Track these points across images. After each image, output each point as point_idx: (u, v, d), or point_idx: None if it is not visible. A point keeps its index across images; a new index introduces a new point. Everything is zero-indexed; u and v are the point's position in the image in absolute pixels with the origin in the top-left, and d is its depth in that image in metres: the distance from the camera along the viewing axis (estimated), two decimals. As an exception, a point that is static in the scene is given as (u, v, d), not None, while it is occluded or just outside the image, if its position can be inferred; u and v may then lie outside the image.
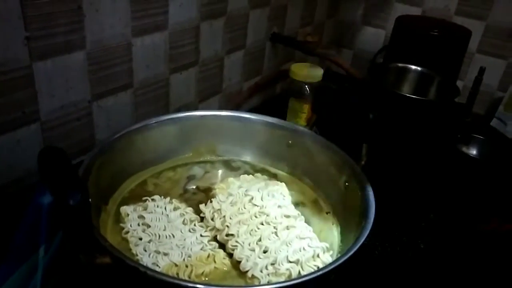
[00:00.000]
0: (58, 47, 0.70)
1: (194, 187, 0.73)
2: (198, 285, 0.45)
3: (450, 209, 0.90)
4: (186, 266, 0.57)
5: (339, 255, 0.62)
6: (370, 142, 0.66)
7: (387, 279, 0.73)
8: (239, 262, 0.58)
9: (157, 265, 0.56)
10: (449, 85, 1.05)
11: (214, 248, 0.61)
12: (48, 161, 0.48)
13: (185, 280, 0.51)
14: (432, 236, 0.83)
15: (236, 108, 1.11)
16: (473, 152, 1.02)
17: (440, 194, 0.93)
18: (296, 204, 0.72)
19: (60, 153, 0.49)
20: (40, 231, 0.57)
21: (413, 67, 1.10)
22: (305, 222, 0.68)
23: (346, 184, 0.68)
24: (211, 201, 0.67)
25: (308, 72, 1.00)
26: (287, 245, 0.60)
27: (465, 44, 1.16)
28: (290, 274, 0.57)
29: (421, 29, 1.15)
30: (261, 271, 0.57)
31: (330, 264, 0.51)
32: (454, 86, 1.04)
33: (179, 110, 0.97)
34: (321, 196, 0.74)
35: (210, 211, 0.65)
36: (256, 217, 0.64)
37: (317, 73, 1.01)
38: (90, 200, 0.55)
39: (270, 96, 1.25)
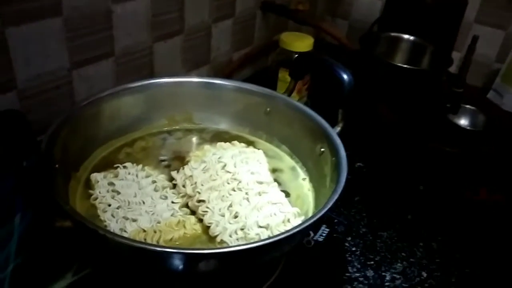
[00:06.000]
0: (32, 12, 0.69)
1: (169, 155, 0.72)
2: (148, 247, 0.45)
3: (440, 179, 0.89)
4: (155, 232, 0.56)
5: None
6: (345, 107, 0.64)
7: (374, 251, 0.72)
8: (209, 227, 0.58)
9: (125, 231, 0.55)
10: (442, 54, 1.03)
11: (185, 214, 0.60)
12: (5, 124, 0.48)
13: (140, 242, 0.50)
14: (420, 208, 0.82)
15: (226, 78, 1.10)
16: (463, 122, 1.00)
17: (429, 164, 0.92)
18: (274, 171, 0.71)
19: (19, 116, 0.48)
20: (16, 199, 0.57)
21: (406, 36, 1.08)
22: (283, 188, 0.67)
23: (322, 150, 0.66)
24: (183, 168, 0.66)
25: (297, 41, 0.98)
26: (258, 211, 0.59)
27: (461, 13, 1.13)
28: (260, 239, 0.56)
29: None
30: (231, 236, 0.56)
31: (295, 227, 0.49)
32: (447, 56, 1.02)
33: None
34: (298, 163, 0.73)
35: (181, 178, 0.64)
36: (228, 183, 0.63)
37: (307, 42, 0.99)
38: (57, 166, 0.55)
39: (261, 67, 1.23)
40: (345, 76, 0.63)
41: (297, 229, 0.48)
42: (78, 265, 0.57)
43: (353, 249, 0.72)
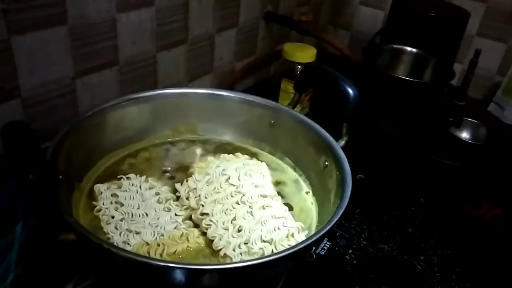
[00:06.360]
0: (37, 21, 0.69)
1: (172, 166, 0.72)
2: (153, 261, 0.45)
3: (441, 192, 0.89)
4: (158, 245, 0.56)
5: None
6: (350, 121, 0.64)
7: (374, 264, 0.72)
8: (213, 241, 0.58)
9: (128, 244, 0.55)
10: (444, 67, 1.03)
11: (188, 227, 0.60)
12: (12, 135, 0.48)
13: (145, 257, 0.50)
14: (421, 221, 0.82)
15: (229, 88, 1.10)
16: (465, 135, 1.00)
17: (431, 177, 0.92)
18: (277, 183, 0.71)
19: (25, 127, 0.48)
20: (18, 208, 0.57)
21: (408, 48, 1.08)
22: (286, 201, 0.67)
23: (326, 163, 0.66)
24: (187, 180, 0.66)
25: (300, 52, 0.98)
26: (262, 225, 0.59)
27: (463, 25, 1.13)
28: (263, 254, 0.56)
29: (419, 9, 1.12)
30: (234, 250, 0.56)
31: (299, 243, 0.49)
32: (449, 68, 1.02)
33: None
34: (302, 175, 0.73)
35: (185, 190, 0.64)
36: (232, 196, 0.63)
37: (310, 53, 0.99)
38: (60, 177, 0.55)
39: (264, 77, 1.23)
40: (350, 91, 0.63)
41: (301, 245, 0.48)
42: (80, 275, 0.57)
43: (354, 262, 0.72)
